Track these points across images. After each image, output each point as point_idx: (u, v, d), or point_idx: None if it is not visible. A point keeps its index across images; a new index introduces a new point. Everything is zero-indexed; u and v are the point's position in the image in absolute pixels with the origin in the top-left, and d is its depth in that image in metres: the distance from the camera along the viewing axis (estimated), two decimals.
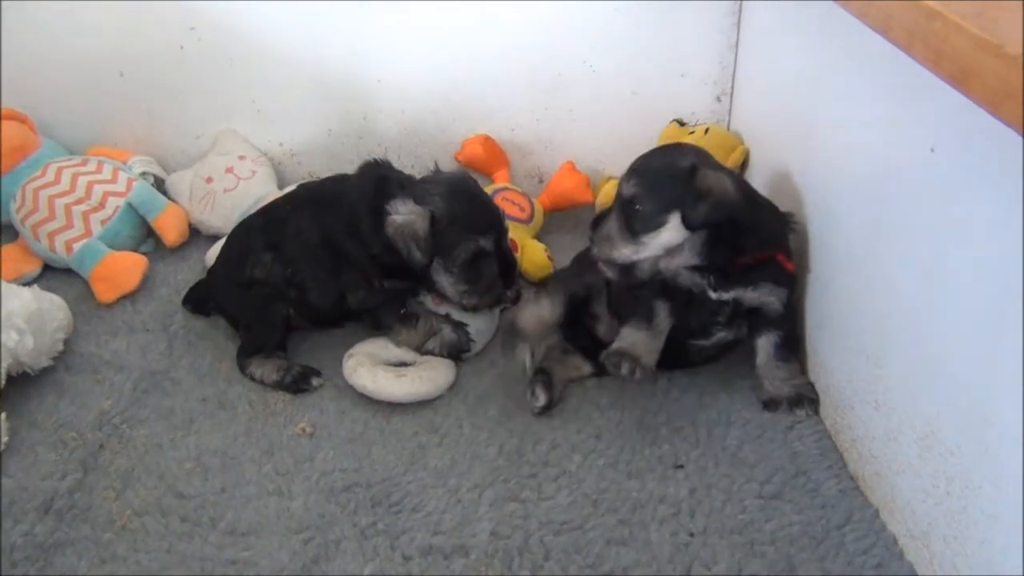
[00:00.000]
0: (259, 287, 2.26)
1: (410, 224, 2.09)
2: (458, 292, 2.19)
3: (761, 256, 1.98)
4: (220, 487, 1.94)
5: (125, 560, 1.77)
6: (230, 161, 2.81)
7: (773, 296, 2.02)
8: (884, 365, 1.79)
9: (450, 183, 2.17)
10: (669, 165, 1.93)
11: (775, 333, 2.08)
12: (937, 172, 1.55)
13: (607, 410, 2.12)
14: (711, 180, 1.86)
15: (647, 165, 1.97)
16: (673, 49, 2.78)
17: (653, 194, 1.90)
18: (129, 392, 2.19)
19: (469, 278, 2.17)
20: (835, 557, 1.74)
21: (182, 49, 2.77)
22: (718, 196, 1.85)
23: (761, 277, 2.00)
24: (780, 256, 2.01)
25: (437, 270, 2.16)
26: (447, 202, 2.11)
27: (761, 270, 2.00)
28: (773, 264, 2.00)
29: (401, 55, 2.78)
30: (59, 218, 2.57)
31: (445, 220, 2.10)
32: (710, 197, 1.85)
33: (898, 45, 1.31)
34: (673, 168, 1.91)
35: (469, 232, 2.11)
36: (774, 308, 2.03)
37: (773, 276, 2.01)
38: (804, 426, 2.05)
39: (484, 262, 2.16)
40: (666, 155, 2.00)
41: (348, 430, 2.09)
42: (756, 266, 1.99)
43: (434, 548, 1.78)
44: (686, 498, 1.89)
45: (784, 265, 2.01)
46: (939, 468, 1.59)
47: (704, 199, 1.85)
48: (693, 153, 1.97)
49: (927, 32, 1.19)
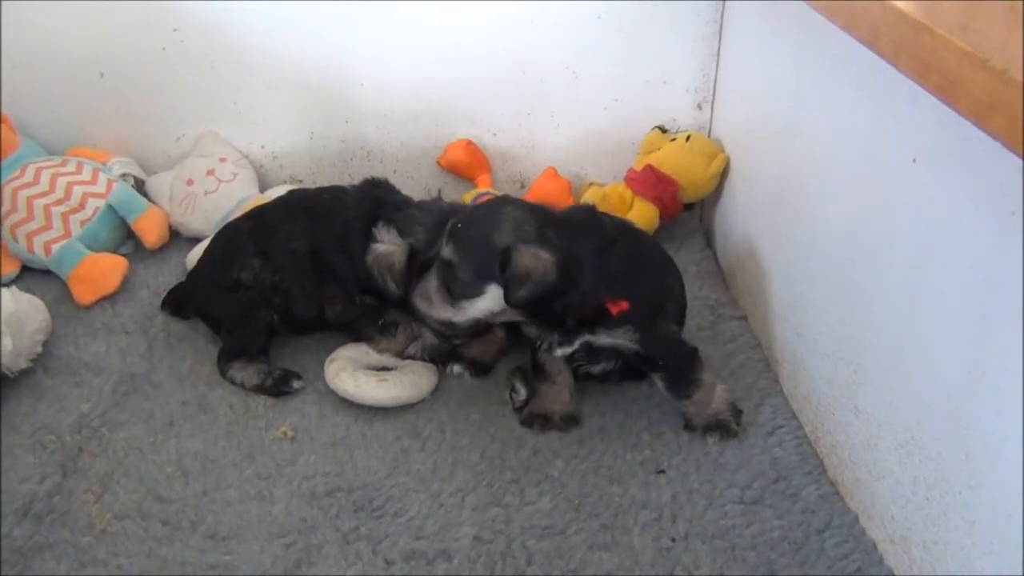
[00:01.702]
0: (245, 291, 2.25)
1: (388, 256, 2.10)
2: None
3: (586, 310, 1.91)
4: (201, 491, 1.93)
5: (105, 564, 1.76)
6: (211, 163, 2.79)
7: (619, 338, 1.95)
8: (864, 372, 1.81)
9: (437, 215, 2.16)
10: (486, 240, 1.85)
11: (657, 375, 2.05)
12: (919, 182, 1.57)
13: (589, 416, 2.13)
14: (527, 262, 1.80)
15: (466, 234, 1.88)
16: (655, 57, 2.79)
17: (471, 266, 1.86)
18: (108, 395, 2.17)
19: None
20: (815, 562, 1.76)
21: (164, 50, 2.75)
22: (535, 278, 1.80)
23: (598, 323, 1.93)
24: (607, 303, 1.90)
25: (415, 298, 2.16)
26: (429, 235, 2.11)
27: (595, 317, 1.92)
28: (604, 310, 1.91)
29: (384, 59, 2.77)
30: (38, 219, 2.55)
31: (424, 254, 2.09)
32: (527, 280, 1.80)
33: (884, 57, 1.33)
34: (489, 243, 1.84)
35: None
36: (629, 348, 1.96)
37: (606, 322, 1.92)
38: (784, 431, 2.07)
39: None
40: (485, 225, 1.88)
41: (330, 434, 2.08)
42: (591, 315, 1.92)
43: (417, 553, 1.78)
44: (668, 503, 1.90)
45: (611, 310, 1.90)
46: (919, 474, 1.61)
47: (522, 282, 1.80)
48: (511, 225, 1.86)
49: (914, 45, 1.21)
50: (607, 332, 1.94)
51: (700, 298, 2.49)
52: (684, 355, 2.04)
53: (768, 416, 2.12)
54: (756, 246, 2.40)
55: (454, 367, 2.25)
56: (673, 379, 2.04)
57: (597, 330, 1.94)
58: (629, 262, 1.95)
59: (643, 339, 1.95)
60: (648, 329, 1.96)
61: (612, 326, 1.93)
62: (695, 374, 2.04)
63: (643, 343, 1.95)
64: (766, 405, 2.15)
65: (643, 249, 2.08)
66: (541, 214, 1.92)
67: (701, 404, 2.05)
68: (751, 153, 2.55)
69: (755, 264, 2.41)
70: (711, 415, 2.06)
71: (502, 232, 1.85)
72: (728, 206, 2.70)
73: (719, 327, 2.41)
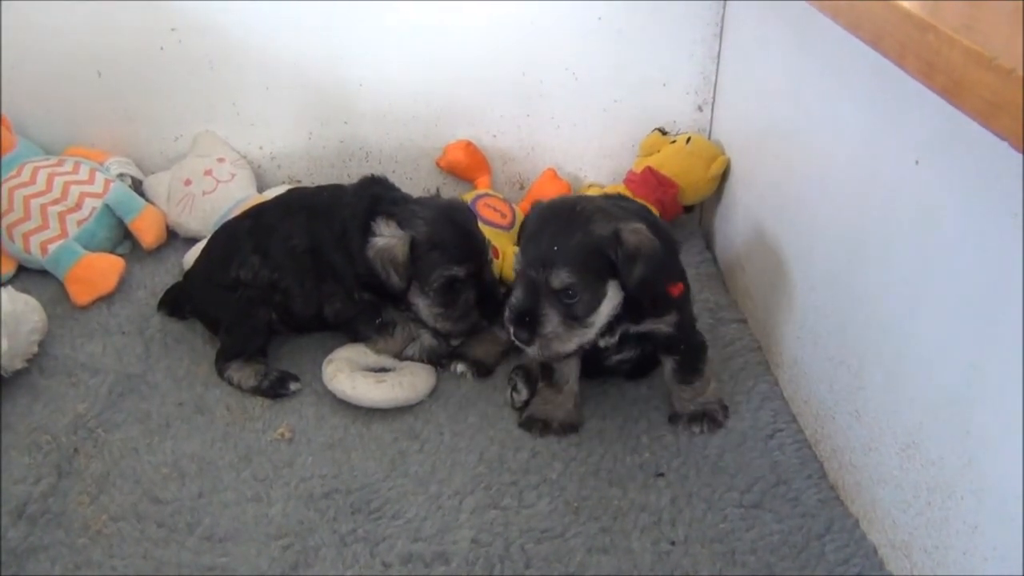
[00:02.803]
0: (244, 290, 2.24)
1: (390, 248, 2.10)
2: (432, 315, 2.20)
3: (664, 291, 1.91)
4: (197, 492, 1.91)
5: (100, 566, 1.74)
6: (209, 163, 2.78)
7: (660, 324, 1.96)
8: (865, 375, 1.80)
9: (437, 209, 2.17)
10: (587, 236, 1.79)
11: (671, 358, 2.05)
12: (921, 184, 1.56)
13: (588, 418, 2.12)
14: (635, 239, 1.78)
15: (568, 247, 1.79)
16: (655, 58, 2.78)
17: (587, 275, 1.80)
18: (105, 395, 2.16)
19: (444, 303, 2.17)
20: (816, 566, 1.75)
21: (162, 50, 2.74)
22: (646, 252, 1.78)
23: (648, 312, 1.94)
24: (669, 285, 1.92)
25: (414, 292, 2.18)
26: (429, 227, 2.12)
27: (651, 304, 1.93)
28: (662, 295, 1.92)
29: (383, 59, 2.77)
30: (34, 218, 2.54)
31: (425, 246, 2.11)
32: (640, 256, 1.78)
33: (889, 57, 1.32)
34: (594, 238, 1.79)
35: (447, 259, 2.11)
36: (663, 332, 1.97)
37: (659, 308, 1.93)
38: (784, 435, 2.06)
39: (460, 289, 2.16)
40: (577, 227, 1.81)
41: (327, 436, 2.07)
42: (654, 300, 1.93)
43: (414, 555, 1.77)
44: (667, 506, 1.88)
45: (671, 292, 1.92)
46: (920, 478, 1.60)
47: (636, 260, 1.78)
48: (601, 214, 1.82)
49: (920, 44, 1.20)
50: (653, 320, 1.94)
51: (700, 300, 2.48)
52: (698, 344, 2.08)
53: (768, 419, 2.10)
54: (756, 248, 2.40)
55: (458, 366, 2.25)
56: (684, 364, 2.05)
57: (644, 319, 1.94)
58: (670, 243, 1.96)
59: (679, 323, 1.97)
60: (686, 313, 1.99)
61: (662, 313, 1.93)
62: (701, 363, 2.07)
63: (679, 327, 1.97)
64: (766, 408, 2.14)
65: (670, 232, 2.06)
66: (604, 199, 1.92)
67: (696, 392, 2.07)
68: (751, 155, 2.55)
69: (755, 266, 2.40)
70: (701, 404, 2.07)
71: (597, 222, 1.80)
72: (728, 208, 2.69)
73: (719, 330, 2.40)
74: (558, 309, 1.82)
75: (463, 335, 2.29)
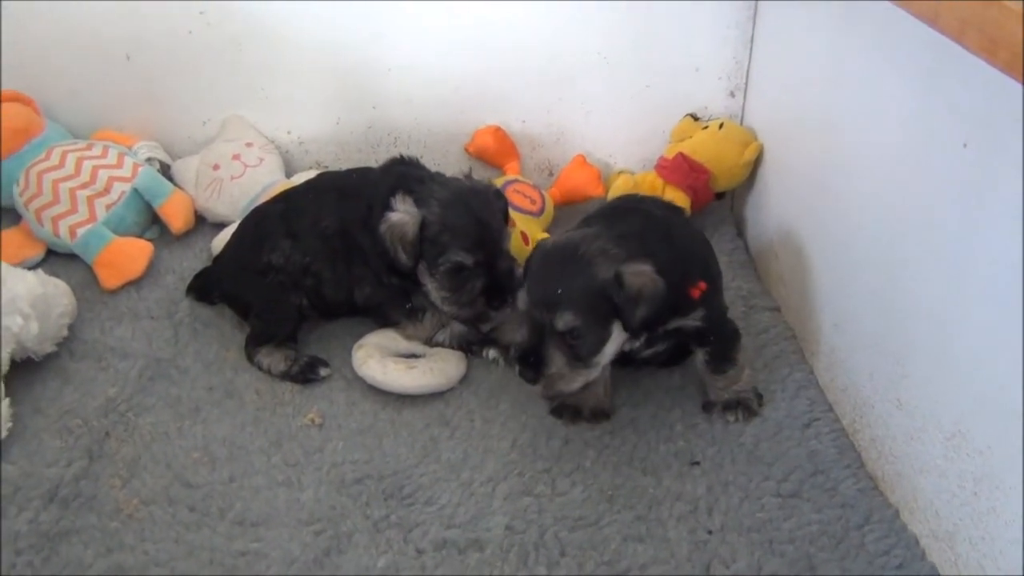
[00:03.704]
0: (275, 274, 2.23)
1: (401, 225, 2.07)
2: (439, 298, 2.16)
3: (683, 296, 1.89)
4: (228, 477, 1.91)
5: (132, 550, 1.74)
6: (237, 148, 2.76)
7: (687, 320, 1.94)
8: (908, 364, 1.77)
9: (456, 192, 2.13)
10: (592, 279, 1.78)
11: (703, 350, 2.03)
12: (969, 167, 1.53)
13: (620, 406, 2.10)
14: (637, 282, 1.76)
15: (572, 289, 1.79)
16: (687, 43, 2.74)
17: (591, 317, 1.80)
18: (135, 380, 2.15)
19: (451, 287, 2.13)
20: (855, 557, 1.72)
21: (190, 33, 2.73)
22: (648, 294, 1.76)
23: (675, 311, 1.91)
24: (691, 289, 1.89)
25: (423, 273, 2.14)
26: (443, 210, 2.08)
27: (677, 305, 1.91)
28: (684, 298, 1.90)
29: (413, 44, 2.74)
30: (63, 202, 2.53)
31: (436, 227, 2.07)
32: (642, 298, 1.76)
33: (947, 34, 1.29)
34: (596, 282, 1.78)
35: (456, 245, 2.08)
36: (692, 327, 1.95)
37: (683, 309, 1.91)
38: (821, 424, 2.03)
39: (468, 276, 2.12)
40: (584, 269, 1.80)
41: (358, 422, 2.06)
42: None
43: (448, 542, 1.76)
44: (703, 495, 1.86)
45: (692, 295, 1.89)
46: (966, 468, 1.57)
47: (638, 302, 1.76)
48: (603, 256, 1.80)
49: (982, 19, 1.16)
50: (680, 318, 1.92)
51: (732, 288, 2.44)
52: (730, 333, 2.05)
53: (804, 409, 2.08)
54: (791, 235, 2.36)
55: (490, 351, 2.23)
56: (716, 354, 2.03)
57: (670, 319, 1.91)
58: (692, 242, 1.97)
59: (707, 316, 1.94)
60: (712, 306, 1.96)
61: (687, 311, 1.91)
62: (735, 352, 2.04)
63: (707, 320, 1.94)
64: (802, 397, 2.11)
65: (692, 227, 2.05)
66: (607, 230, 1.87)
67: (731, 381, 2.05)
68: (785, 141, 2.51)
69: (790, 254, 2.37)
70: (735, 392, 2.05)
71: (599, 265, 1.79)
72: (761, 195, 2.66)
73: (752, 318, 2.37)
74: (563, 350, 1.82)
75: (470, 322, 2.26)
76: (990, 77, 1.19)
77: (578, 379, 1.87)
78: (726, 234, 2.75)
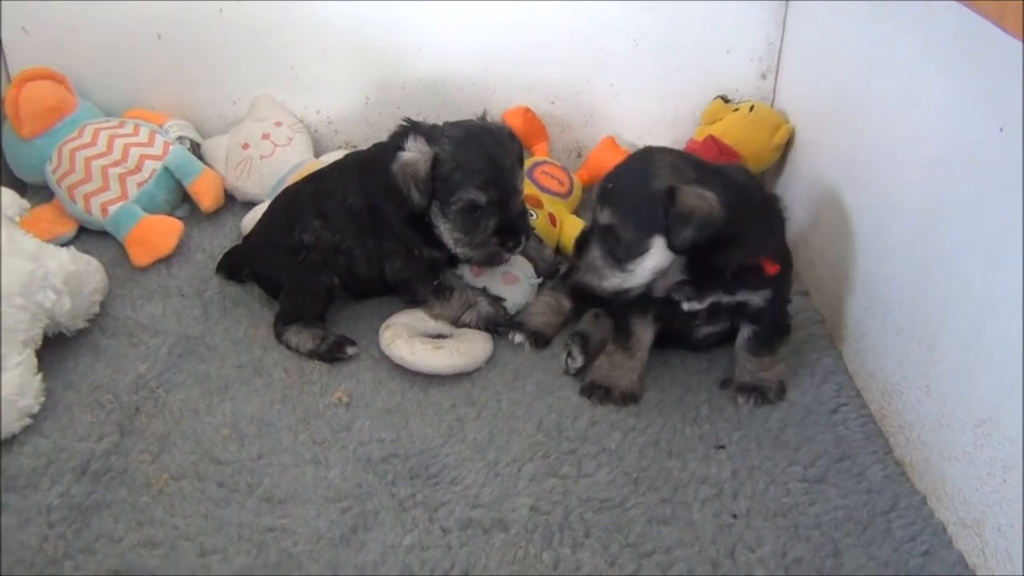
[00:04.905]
0: (307, 253, 2.24)
1: (412, 163, 2.06)
2: (452, 239, 2.15)
3: (746, 264, 1.88)
4: (257, 454, 1.92)
5: (162, 524, 1.76)
6: (267, 127, 2.77)
7: (755, 297, 1.94)
8: (938, 349, 1.75)
9: (469, 130, 2.12)
10: (644, 188, 1.80)
11: (750, 327, 2.03)
12: (1005, 153, 1.50)
13: (647, 389, 2.09)
14: (692, 201, 1.74)
15: (620, 189, 1.84)
16: (718, 24, 2.73)
17: (632, 221, 1.80)
18: (165, 356, 2.17)
19: (464, 227, 2.12)
20: (882, 543, 1.72)
21: (221, 12, 2.73)
22: (701, 217, 1.74)
23: (740, 284, 1.92)
24: (765, 262, 1.89)
25: (436, 214, 2.13)
26: (456, 147, 2.07)
27: (742, 276, 1.90)
28: (756, 269, 1.89)
29: (442, 24, 2.74)
30: (95, 180, 2.55)
31: (448, 165, 2.06)
32: (693, 219, 1.74)
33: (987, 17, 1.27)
34: (649, 191, 1.78)
35: (469, 183, 2.06)
36: (755, 305, 1.96)
37: (752, 282, 1.92)
38: (848, 410, 2.02)
39: (481, 216, 2.10)
40: (640, 175, 1.83)
41: (385, 400, 2.07)
42: (742, 272, 1.90)
43: (473, 521, 1.77)
44: (728, 479, 1.86)
45: (766, 269, 1.89)
46: (996, 455, 1.56)
47: (687, 222, 1.74)
48: (668, 169, 1.81)
49: None
50: (747, 293, 1.92)
51: None
52: (783, 324, 2.06)
53: (832, 394, 2.07)
54: (821, 220, 2.34)
55: (516, 336, 2.22)
56: (761, 338, 2.03)
57: (739, 290, 1.91)
58: (782, 224, 1.97)
59: (773, 300, 1.95)
60: (780, 292, 1.97)
61: (756, 287, 1.91)
62: (779, 343, 2.05)
63: (770, 303, 1.95)
64: (830, 383, 2.10)
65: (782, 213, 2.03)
66: (696, 161, 1.89)
67: (761, 367, 2.04)
68: (817, 123, 2.49)
69: (820, 238, 2.35)
70: (759, 379, 2.05)
71: (660, 176, 1.80)
72: (791, 178, 2.64)
73: None
74: (603, 246, 1.87)
75: (484, 264, 2.25)
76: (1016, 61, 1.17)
77: (611, 279, 1.88)
78: None
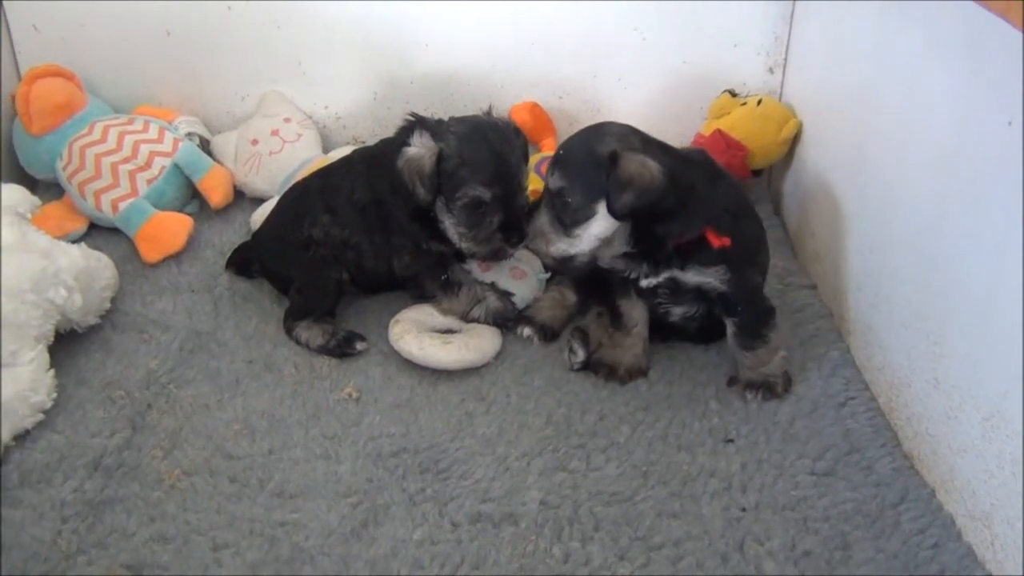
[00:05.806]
0: (316, 248, 2.25)
1: (417, 159, 2.07)
2: (457, 234, 2.15)
3: (687, 237, 1.89)
4: (268, 449, 1.93)
5: (174, 519, 1.77)
6: (275, 124, 2.78)
7: (708, 276, 1.94)
8: (946, 343, 1.75)
9: (474, 126, 2.13)
10: (590, 152, 1.86)
11: (731, 320, 2.03)
12: (1013, 146, 1.50)
13: (655, 382, 2.10)
14: (633, 167, 1.79)
15: (569, 154, 1.91)
16: (726, 18, 2.72)
17: (579, 184, 1.85)
18: (175, 352, 2.18)
19: (468, 223, 2.12)
20: (891, 536, 1.72)
21: (229, 9, 2.74)
22: (640, 184, 1.78)
23: (690, 259, 1.92)
24: (708, 233, 1.89)
25: (441, 209, 2.13)
26: (460, 143, 2.08)
27: (691, 250, 1.91)
28: (700, 242, 1.90)
29: (450, 20, 2.74)
30: (105, 176, 2.56)
31: (453, 161, 2.07)
32: (632, 185, 1.78)
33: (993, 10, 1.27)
34: (594, 156, 1.84)
35: (473, 178, 2.07)
36: (714, 287, 1.95)
37: (701, 257, 1.92)
38: (857, 403, 2.02)
39: (486, 211, 2.10)
40: (588, 141, 1.91)
41: (395, 396, 2.08)
42: (687, 246, 1.91)
43: (483, 515, 1.77)
44: (737, 472, 1.87)
45: (711, 242, 1.89)
46: (1004, 448, 1.56)
47: (625, 187, 1.78)
48: (615, 136, 1.88)
49: None
50: (699, 269, 1.93)
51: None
52: (763, 309, 2.04)
53: (840, 387, 2.07)
54: (828, 214, 2.34)
55: (524, 329, 2.23)
56: (745, 329, 2.02)
57: (688, 266, 1.92)
58: (735, 201, 1.96)
59: (732, 281, 1.94)
60: (740, 272, 1.95)
61: (706, 263, 1.92)
62: (766, 330, 2.03)
63: (731, 285, 1.94)
64: (838, 376, 2.10)
65: (744, 196, 2.04)
66: (647, 136, 1.93)
67: (759, 361, 2.04)
68: (824, 118, 2.49)
69: (827, 231, 2.35)
70: (762, 374, 2.04)
71: (605, 143, 1.85)
72: (798, 172, 2.64)
73: (788, 296, 2.36)
74: (550, 212, 1.93)
75: (488, 258, 2.26)
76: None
77: (559, 244, 1.94)
78: (763, 211, 2.70)
